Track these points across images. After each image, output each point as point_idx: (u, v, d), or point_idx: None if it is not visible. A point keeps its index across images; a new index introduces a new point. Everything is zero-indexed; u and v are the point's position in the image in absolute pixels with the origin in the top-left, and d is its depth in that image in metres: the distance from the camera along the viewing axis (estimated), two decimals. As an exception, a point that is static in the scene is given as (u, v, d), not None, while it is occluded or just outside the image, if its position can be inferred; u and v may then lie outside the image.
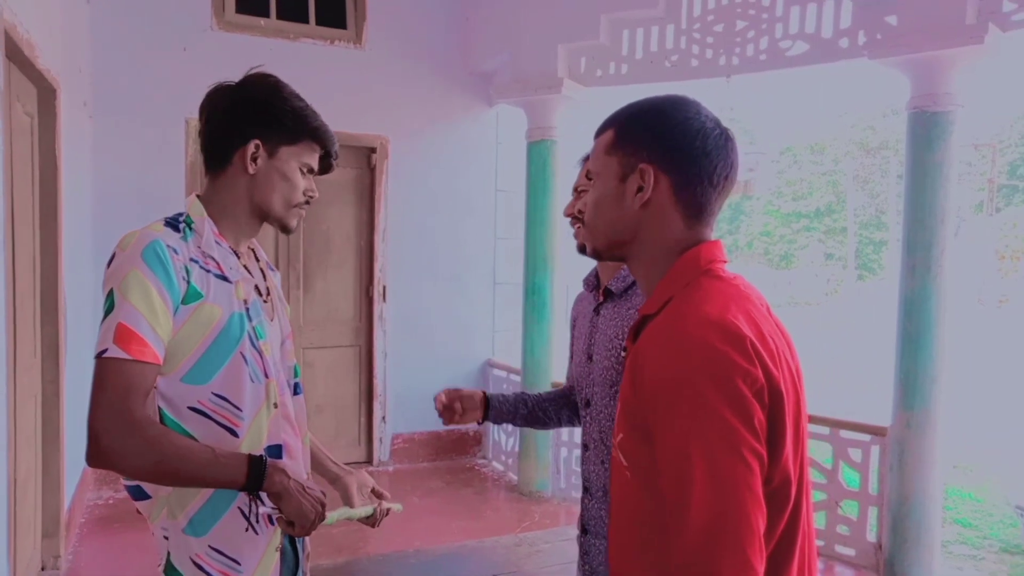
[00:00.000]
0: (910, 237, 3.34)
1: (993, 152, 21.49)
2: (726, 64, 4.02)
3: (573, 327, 1.78)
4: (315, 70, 4.46)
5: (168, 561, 1.28)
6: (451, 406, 1.70)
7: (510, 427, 4.92)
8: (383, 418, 5.01)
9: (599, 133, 1.13)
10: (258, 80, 1.35)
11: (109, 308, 1.19)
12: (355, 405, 5.00)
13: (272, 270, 1.50)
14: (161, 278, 1.20)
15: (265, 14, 4.57)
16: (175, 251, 1.23)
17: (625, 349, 1.15)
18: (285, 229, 1.39)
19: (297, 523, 1.24)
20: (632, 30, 4.25)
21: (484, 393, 1.76)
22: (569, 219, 1.64)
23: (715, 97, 4.22)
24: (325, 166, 1.42)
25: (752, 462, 0.87)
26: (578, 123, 4.62)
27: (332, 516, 1.36)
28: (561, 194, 4.45)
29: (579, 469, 4.42)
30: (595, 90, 4.42)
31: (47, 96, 3.10)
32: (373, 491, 1.53)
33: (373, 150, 4.83)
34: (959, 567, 4.19)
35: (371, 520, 1.48)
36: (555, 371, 4.45)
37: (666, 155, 1.03)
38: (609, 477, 1.53)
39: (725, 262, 1.06)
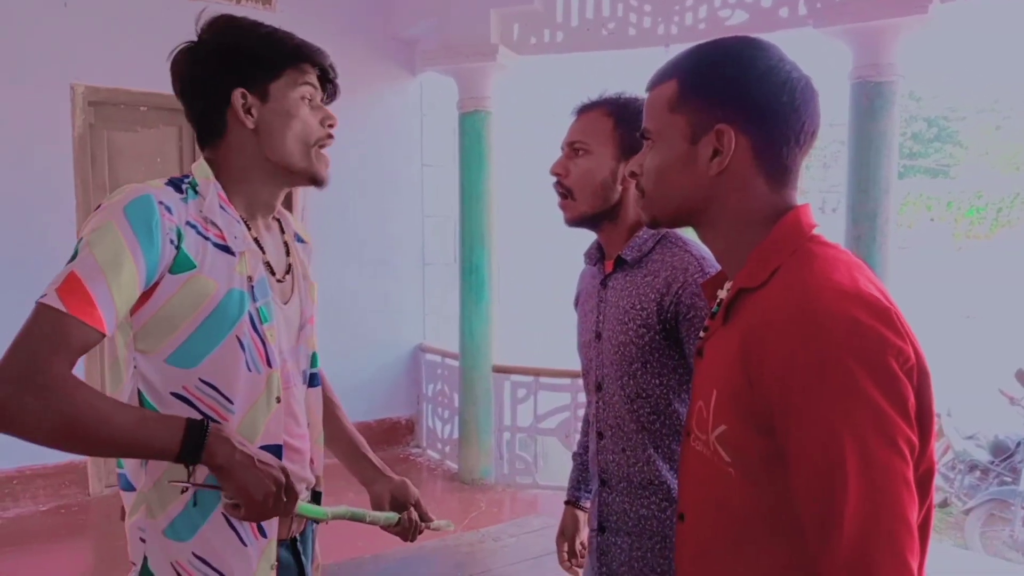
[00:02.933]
0: (855, 207, 3.36)
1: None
2: (664, 33, 3.93)
3: (577, 305, 1.61)
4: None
5: (145, 566, 1.10)
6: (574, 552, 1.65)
7: (447, 413, 4.72)
8: (308, 411, 4.67)
9: (655, 84, 0.98)
10: (210, 26, 1.16)
11: (72, 256, 1.00)
12: (277, 399, 4.63)
13: (301, 243, 1.31)
14: (141, 237, 1.01)
15: (160, -32, 4.08)
16: (168, 209, 1.05)
17: (706, 328, 1.00)
18: (316, 181, 1.18)
19: (243, 505, 1.02)
20: (568, -5, 4.08)
21: (570, 506, 1.67)
22: (554, 181, 1.44)
23: (653, 67, 4.13)
24: (330, 90, 1.22)
25: (906, 452, 0.78)
26: (511, 93, 4.43)
27: (333, 510, 1.16)
28: (497, 168, 4.25)
29: (523, 454, 4.31)
30: (528, 59, 4.22)
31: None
32: (415, 506, 1.34)
33: (288, 122, 4.44)
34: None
35: (398, 529, 1.30)
36: (496, 354, 4.27)
37: (748, 113, 0.90)
38: (632, 467, 1.39)
39: (819, 227, 0.94)
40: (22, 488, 3.79)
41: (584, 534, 1.66)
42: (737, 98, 0.90)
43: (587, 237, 1.51)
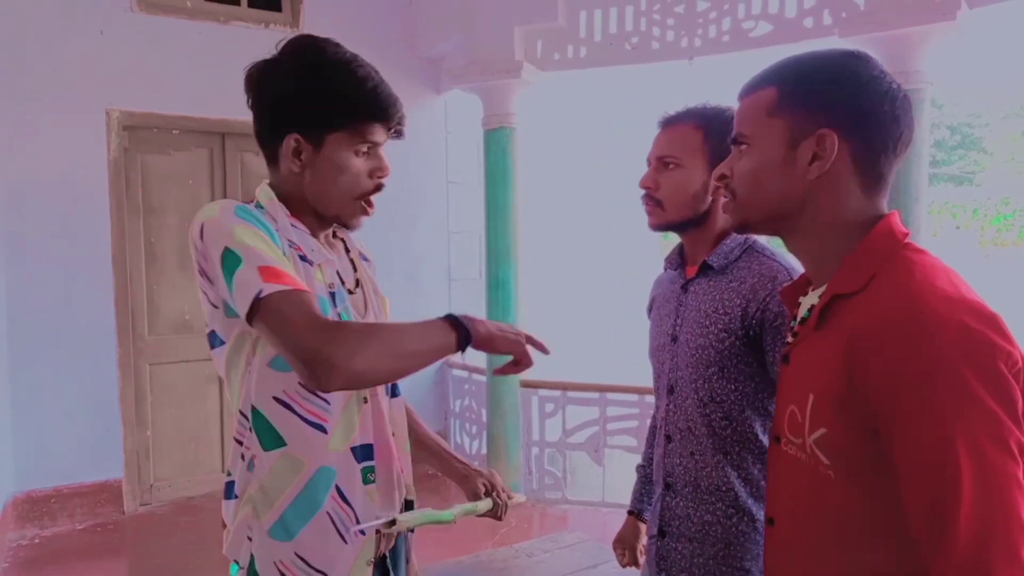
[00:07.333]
0: (885, 216, 3.34)
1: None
2: (688, 46, 3.94)
3: (651, 311, 1.62)
4: (248, 56, 3.91)
5: (252, 566, 1.15)
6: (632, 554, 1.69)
7: (475, 429, 4.72)
8: (337, 428, 4.70)
9: (750, 91, 0.99)
10: (292, 57, 1.15)
11: (234, 263, 1.03)
12: (306, 416, 4.66)
13: (366, 261, 1.36)
14: (264, 231, 1.08)
15: (191, -6, 4.17)
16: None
17: (795, 333, 1.00)
18: (347, 226, 1.23)
19: (515, 356, 1.14)
20: (590, 11, 4.11)
21: (633, 516, 1.70)
22: (643, 194, 1.45)
23: (678, 80, 4.15)
24: (395, 133, 1.23)
25: (1017, 454, 0.78)
26: (534, 109, 4.46)
27: (453, 512, 1.25)
28: (522, 184, 4.27)
29: (552, 469, 4.29)
30: (552, 74, 4.26)
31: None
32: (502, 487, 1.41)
33: (316, 142, 4.50)
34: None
35: (494, 513, 1.38)
36: (523, 368, 4.27)
37: (852, 120, 0.91)
38: (700, 471, 1.38)
39: (912, 234, 0.95)
40: (59, 507, 3.84)
41: (642, 543, 1.66)
42: (842, 104, 0.92)
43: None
